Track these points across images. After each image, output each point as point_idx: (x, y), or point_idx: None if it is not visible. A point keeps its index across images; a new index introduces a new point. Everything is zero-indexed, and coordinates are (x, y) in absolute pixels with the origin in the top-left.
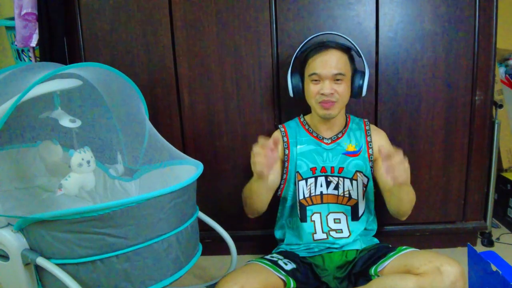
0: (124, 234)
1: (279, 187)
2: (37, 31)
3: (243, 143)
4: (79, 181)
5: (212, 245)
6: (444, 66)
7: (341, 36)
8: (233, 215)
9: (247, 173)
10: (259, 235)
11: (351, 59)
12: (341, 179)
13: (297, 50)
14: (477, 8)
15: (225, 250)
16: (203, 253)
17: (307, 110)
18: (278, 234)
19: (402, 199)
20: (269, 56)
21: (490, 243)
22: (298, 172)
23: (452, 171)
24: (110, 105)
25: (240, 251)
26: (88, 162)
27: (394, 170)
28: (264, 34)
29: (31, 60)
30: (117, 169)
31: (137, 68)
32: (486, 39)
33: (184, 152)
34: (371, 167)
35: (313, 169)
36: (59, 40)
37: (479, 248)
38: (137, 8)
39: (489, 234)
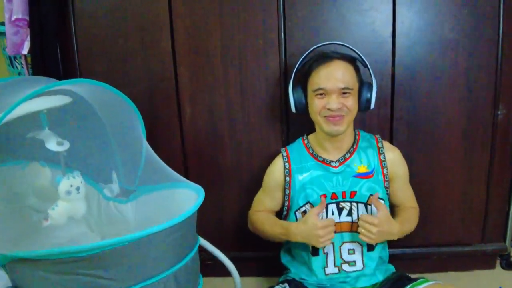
0: (115, 275)
1: (282, 214)
2: (28, 38)
3: (249, 158)
4: (68, 210)
5: (213, 267)
6: (464, 77)
7: (344, 45)
8: (237, 235)
9: (252, 190)
10: (263, 256)
11: (357, 70)
12: (354, 204)
13: (298, 62)
14: (501, 16)
15: (228, 272)
16: (204, 275)
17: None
18: (284, 259)
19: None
20: (277, 66)
21: (509, 265)
22: (309, 202)
23: (471, 190)
24: (105, 121)
25: (243, 273)
26: (78, 188)
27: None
28: (271, 42)
29: (23, 68)
30: (112, 189)
31: (135, 78)
32: (510, 49)
33: (185, 168)
34: (386, 188)
35: (323, 197)
36: (52, 47)
37: (498, 271)
38: (135, 13)
39: (508, 255)
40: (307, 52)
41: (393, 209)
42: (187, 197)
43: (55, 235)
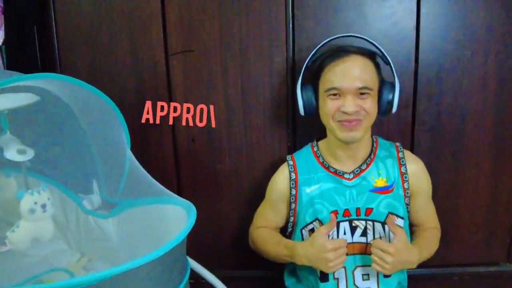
0: None
1: (286, 230)
2: (3, 27)
3: (249, 165)
4: (31, 231)
5: (207, 286)
6: (496, 79)
7: (362, 38)
8: (234, 251)
9: (253, 202)
10: (264, 276)
11: (377, 67)
12: (369, 223)
13: (309, 57)
14: None
15: None
16: None
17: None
18: (288, 282)
19: None
20: (283, 61)
21: None
22: (317, 219)
23: (500, 205)
24: (84, 123)
25: None
26: (44, 206)
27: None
28: (277, 34)
29: None
30: (92, 201)
31: (122, 74)
32: None
33: (178, 175)
34: (406, 205)
35: (334, 213)
36: (29, 38)
37: None
38: (122, 0)
39: None
40: (319, 46)
41: (411, 229)
42: (176, 213)
43: (27, 253)
